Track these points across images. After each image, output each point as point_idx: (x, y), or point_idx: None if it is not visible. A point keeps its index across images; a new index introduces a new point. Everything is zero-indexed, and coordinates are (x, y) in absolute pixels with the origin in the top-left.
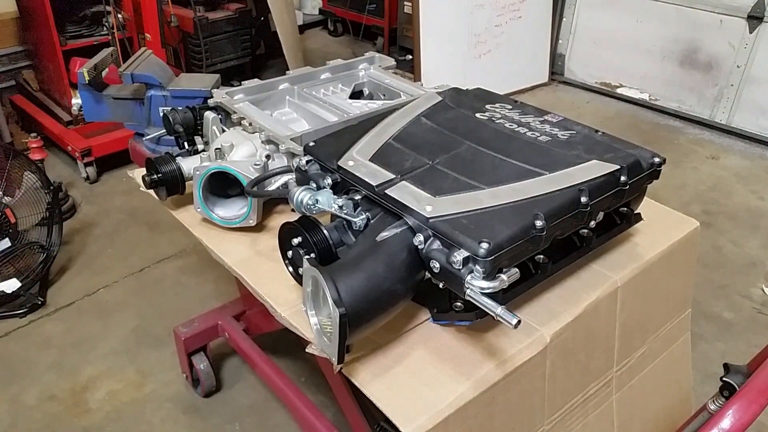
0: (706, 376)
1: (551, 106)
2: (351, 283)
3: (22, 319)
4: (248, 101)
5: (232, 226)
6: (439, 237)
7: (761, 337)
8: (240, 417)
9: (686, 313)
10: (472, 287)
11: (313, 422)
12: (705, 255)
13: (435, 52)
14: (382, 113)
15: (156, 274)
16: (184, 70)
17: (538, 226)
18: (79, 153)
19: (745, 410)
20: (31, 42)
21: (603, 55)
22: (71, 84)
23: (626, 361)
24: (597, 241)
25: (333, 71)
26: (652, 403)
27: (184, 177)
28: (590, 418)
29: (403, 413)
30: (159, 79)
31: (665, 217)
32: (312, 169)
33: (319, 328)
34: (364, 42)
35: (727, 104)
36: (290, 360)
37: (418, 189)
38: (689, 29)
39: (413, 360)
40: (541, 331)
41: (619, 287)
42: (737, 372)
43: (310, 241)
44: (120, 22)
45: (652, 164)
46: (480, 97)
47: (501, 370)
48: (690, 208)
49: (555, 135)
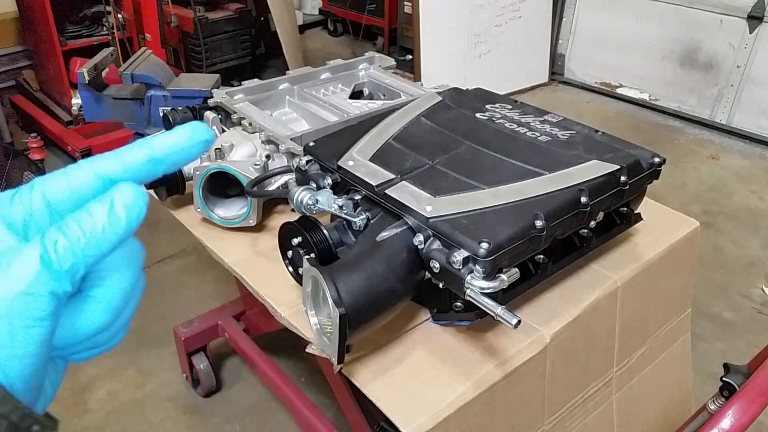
0: (706, 376)
1: (551, 106)
2: (351, 283)
3: None
4: (248, 101)
5: (232, 226)
6: (439, 237)
7: (761, 337)
8: (240, 417)
9: (686, 313)
10: (472, 287)
11: (313, 422)
12: (705, 255)
13: (435, 52)
14: (382, 113)
15: (156, 274)
16: (184, 70)
17: (538, 226)
18: (79, 153)
19: (745, 410)
20: (31, 42)
21: (603, 55)
22: (71, 84)
23: (626, 361)
24: (597, 241)
25: (333, 71)
26: (652, 403)
27: (184, 177)
28: (590, 418)
29: (403, 413)
30: (159, 79)
31: (665, 217)
32: (312, 169)
33: (319, 328)
34: (364, 42)
35: (727, 104)
36: (290, 360)
37: (418, 189)
38: (689, 29)
39: (413, 360)
40: (541, 331)
41: (619, 287)
42: (737, 372)
43: (310, 241)
44: (120, 22)
45: (652, 164)
46: (480, 97)
47: (501, 370)
48: (690, 208)
49: (555, 135)
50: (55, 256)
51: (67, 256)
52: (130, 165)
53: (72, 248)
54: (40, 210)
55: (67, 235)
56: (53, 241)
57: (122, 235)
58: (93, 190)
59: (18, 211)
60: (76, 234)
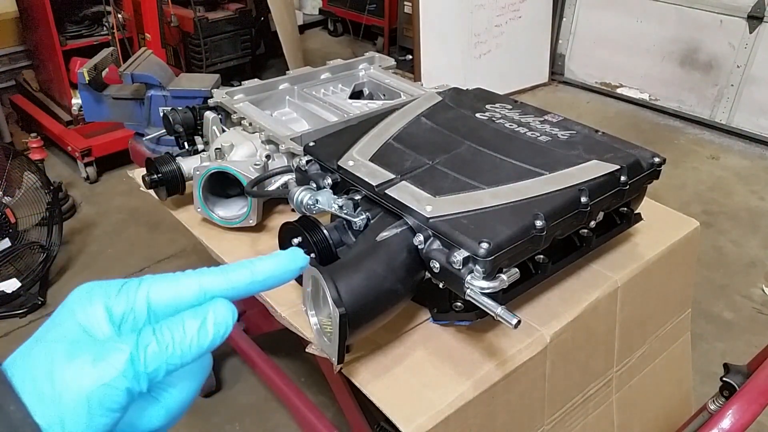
0: (706, 376)
1: (551, 106)
2: (351, 283)
3: (22, 319)
4: (248, 101)
5: (232, 226)
6: (439, 237)
7: (761, 337)
8: (240, 417)
9: (686, 313)
10: (472, 287)
11: (313, 422)
12: (705, 255)
13: (435, 52)
14: (382, 113)
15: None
16: (184, 70)
17: (538, 226)
18: (79, 153)
19: (745, 410)
20: (31, 42)
21: (603, 55)
22: (71, 84)
23: (626, 361)
24: (597, 241)
25: (333, 71)
26: (652, 403)
27: (184, 177)
28: (590, 418)
29: (403, 413)
30: (159, 79)
31: (665, 217)
32: (312, 169)
33: (319, 328)
34: (364, 42)
35: (727, 104)
36: (290, 360)
37: (418, 189)
38: (689, 29)
39: (413, 360)
40: (541, 331)
41: (619, 287)
42: (737, 372)
43: (310, 241)
44: (120, 22)
45: (652, 164)
46: (480, 97)
47: (501, 370)
48: (690, 208)
49: (555, 135)
50: (143, 358)
51: (153, 361)
52: (233, 285)
53: (159, 354)
54: (140, 309)
55: (159, 341)
56: (145, 344)
57: (205, 350)
58: (194, 300)
59: (121, 303)
60: (167, 342)
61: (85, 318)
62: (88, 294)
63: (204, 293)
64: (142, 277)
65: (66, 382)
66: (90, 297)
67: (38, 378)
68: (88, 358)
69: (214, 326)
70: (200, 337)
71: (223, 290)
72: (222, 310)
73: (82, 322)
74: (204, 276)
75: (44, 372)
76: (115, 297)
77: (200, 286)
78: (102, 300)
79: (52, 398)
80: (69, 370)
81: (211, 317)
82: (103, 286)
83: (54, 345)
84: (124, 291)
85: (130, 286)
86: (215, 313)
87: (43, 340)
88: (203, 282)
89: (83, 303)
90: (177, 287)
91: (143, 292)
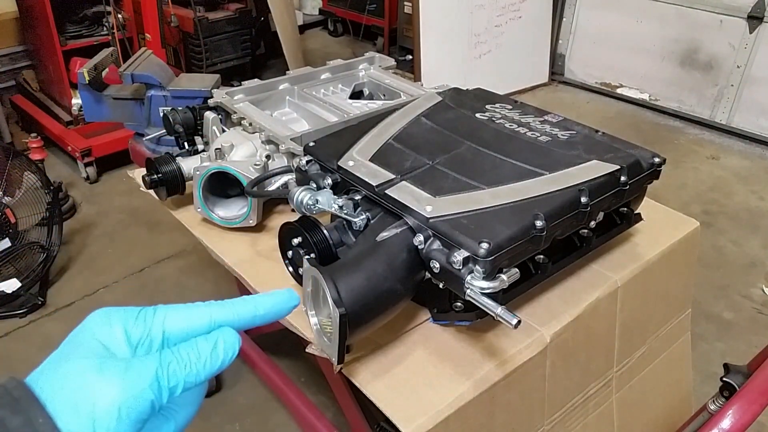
0: (706, 376)
1: (551, 106)
2: (351, 283)
3: (22, 319)
4: (248, 101)
5: (232, 226)
6: (439, 237)
7: (761, 337)
8: (240, 417)
9: (686, 313)
10: (472, 287)
11: (313, 422)
12: (705, 255)
13: (435, 52)
14: (382, 113)
15: (156, 274)
16: (184, 70)
17: (538, 226)
18: (79, 153)
19: (745, 410)
20: (31, 42)
21: (603, 55)
22: (71, 84)
23: (626, 361)
24: (597, 241)
25: (333, 71)
26: (652, 403)
27: (184, 177)
28: (590, 418)
29: (403, 413)
30: (159, 79)
31: (665, 217)
32: (312, 169)
33: (319, 328)
34: (364, 42)
35: (727, 104)
36: (290, 360)
37: (418, 189)
38: (689, 29)
39: (413, 360)
40: (541, 331)
41: (619, 287)
42: (737, 372)
43: (310, 241)
44: (120, 22)
45: (652, 164)
46: (480, 97)
47: (501, 370)
48: (690, 208)
49: (555, 135)
50: (166, 374)
51: (173, 377)
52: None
53: (179, 372)
54: (156, 334)
55: (179, 360)
56: (168, 362)
57: (216, 371)
58: (204, 329)
59: (138, 328)
60: (185, 361)
61: (106, 338)
62: (107, 317)
63: (213, 322)
64: (156, 306)
65: (99, 393)
66: (109, 320)
67: (71, 389)
68: (118, 372)
69: (224, 350)
70: (213, 358)
71: (229, 321)
72: (230, 337)
73: (103, 342)
74: (214, 308)
75: (77, 384)
76: (133, 321)
77: (210, 317)
78: (121, 323)
79: (85, 407)
80: (101, 382)
81: (221, 342)
82: (120, 312)
83: (83, 361)
84: (141, 317)
85: (147, 312)
86: (224, 339)
87: (71, 356)
88: (213, 313)
89: (103, 325)
90: (190, 317)
91: (159, 319)
